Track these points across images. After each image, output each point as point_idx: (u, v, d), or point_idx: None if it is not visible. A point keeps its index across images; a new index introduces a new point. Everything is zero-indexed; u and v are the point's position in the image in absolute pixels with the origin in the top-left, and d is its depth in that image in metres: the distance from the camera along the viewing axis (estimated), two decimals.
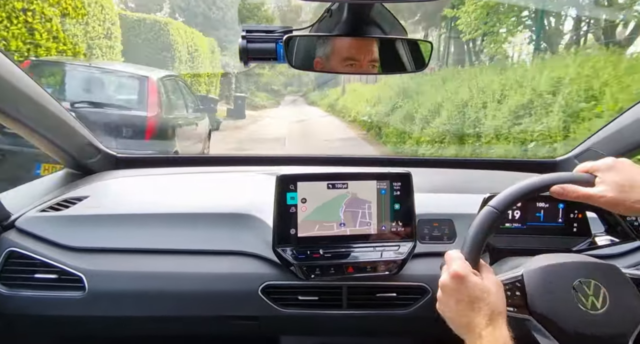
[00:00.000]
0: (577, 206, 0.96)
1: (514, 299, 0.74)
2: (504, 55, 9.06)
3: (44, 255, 0.97)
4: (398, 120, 7.82)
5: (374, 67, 0.83)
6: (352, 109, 11.84)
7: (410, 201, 0.98)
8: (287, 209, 0.94)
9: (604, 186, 0.69)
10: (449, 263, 0.70)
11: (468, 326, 0.65)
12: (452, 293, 0.67)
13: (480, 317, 0.64)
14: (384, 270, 0.96)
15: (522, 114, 4.72)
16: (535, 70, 5.31)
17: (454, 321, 0.68)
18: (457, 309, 0.67)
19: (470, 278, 0.66)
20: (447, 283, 0.68)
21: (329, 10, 0.74)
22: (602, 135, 1.25)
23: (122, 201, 1.15)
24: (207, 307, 1.00)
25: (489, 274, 0.69)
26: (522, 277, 0.76)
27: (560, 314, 0.71)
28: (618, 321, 0.71)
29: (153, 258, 1.01)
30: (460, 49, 11.78)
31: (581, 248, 0.92)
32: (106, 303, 0.98)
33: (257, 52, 0.80)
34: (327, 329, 1.08)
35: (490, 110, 5.30)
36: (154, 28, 9.27)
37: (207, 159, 1.57)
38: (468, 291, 0.66)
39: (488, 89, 5.73)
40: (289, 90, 23.39)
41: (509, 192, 0.73)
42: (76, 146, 1.26)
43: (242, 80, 15.74)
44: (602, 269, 0.76)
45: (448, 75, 8.23)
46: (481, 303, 0.64)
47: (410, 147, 6.86)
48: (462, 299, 0.66)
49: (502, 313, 0.65)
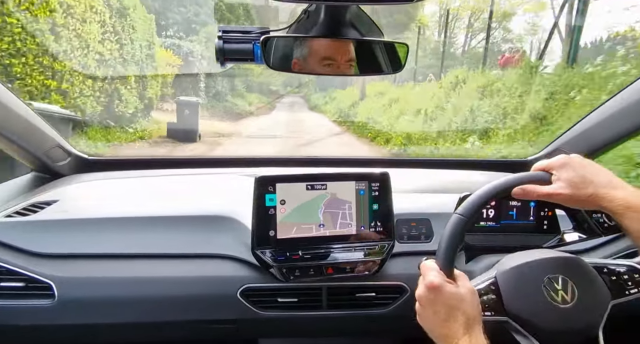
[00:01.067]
0: (547, 204, 1.00)
1: (490, 303, 0.76)
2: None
3: (9, 262, 0.92)
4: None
5: (352, 67, 0.84)
6: (388, 125, 7.69)
7: (389, 201, 0.99)
8: (266, 210, 0.93)
9: (560, 183, 0.71)
10: (424, 273, 0.71)
11: (446, 337, 0.67)
12: (429, 303, 0.69)
13: (457, 326, 0.66)
14: (364, 270, 0.96)
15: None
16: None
17: (433, 332, 0.70)
18: (434, 320, 0.69)
19: (445, 287, 0.68)
20: (423, 294, 0.70)
21: (306, 11, 0.74)
22: (570, 135, 1.31)
23: (93, 204, 1.12)
24: (184, 312, 0.98)
25: (464, 282, 0.71)
26: (495, 279, 0.78)
27: (535, 312, 0.74)
28: (587, 312, 0.74)
29: (126, 262, 0.98)
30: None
31: (551, 245, 0.95)
32: (77, 311, 0.94)
33: (234, 53, 0.79)
34: (306, 330, 1.07)
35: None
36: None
37: (182, 161, 1.54)
38: (444, 300, 0.67)
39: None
40: (289, 90, 18.46)
41: (472, 199, 0.75)
42: (44, 149, 1.21)
43: (217, 79, 11.26)
44: (568, 263, 0.79)
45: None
46: (457, 311, 0.66)
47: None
48: (438, 310, 0.68)
49: (477, 319, 0.67)
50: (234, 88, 12.99)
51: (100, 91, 5.91)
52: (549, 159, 0.75)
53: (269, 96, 15.76)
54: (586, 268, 0.79)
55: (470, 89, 6.69)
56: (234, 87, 12.95)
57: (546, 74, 5.63)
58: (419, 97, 8.26)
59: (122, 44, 6.44)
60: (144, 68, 7.19)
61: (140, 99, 6.99)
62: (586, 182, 0.69)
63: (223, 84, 11.83)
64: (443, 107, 7.00)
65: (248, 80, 14.35)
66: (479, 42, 14.32)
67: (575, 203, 0.72)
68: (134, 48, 6.84)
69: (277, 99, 16.20)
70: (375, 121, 8.48)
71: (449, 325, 0.66)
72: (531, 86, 5.45)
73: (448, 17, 13.21)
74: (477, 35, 15.39)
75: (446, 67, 9.83)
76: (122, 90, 6.39)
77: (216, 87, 11.38)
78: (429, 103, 7.46)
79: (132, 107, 6.69)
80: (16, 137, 1.09)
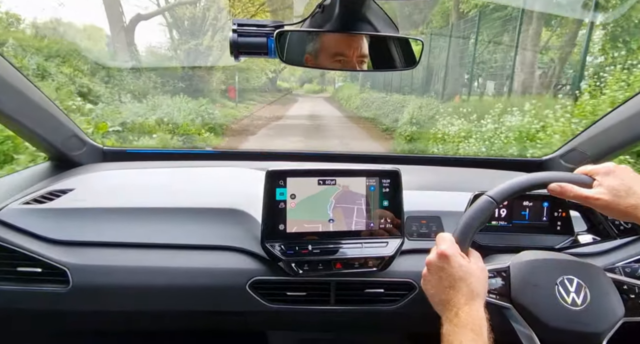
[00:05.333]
0: (561, 205, 0.99)
1: (497, 286, 0.77)
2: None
3: (27, 248, 0.95)
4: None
5: (363, 63, 0.84)
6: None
7: (399, 197, 0.98)
8: (276, 204, 0.94)
9: (601, 189, 0.71)
10: (438, 242, 0.74)
11: (447, 304, 0.68)
12: (437, 270, 0.71)
13: (459, 296, 0.67)
14: (372, 266, 0.96)
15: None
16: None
17: (434, 297, 0.71)
18: (438, 286, 0.70)
19: (455, 258, 0.69)
20: (433, 261, 0.72)
21: (321, 5, 0.74)
22: (587, 135, 1.28)
23: (108, 194, 1.14)
24: (194, 302, 1.00)
25: (476, 260, 0.72)
26: (508, 268, 0.78)
27: (541, 306, 0.74)
28: (595, 320, 0.73)
29: (139, 252, 1.00)
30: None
31: (564, 246, 0.94)
32: (90, 297, 0.97)
33: (248, 47, 0.79)
34: (314, 324, 1.08)
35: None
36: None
37: (195, 154, 1.55)
38: (452, 270, 0.69)
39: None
40: (306, 88, 17.37)
41: (508, 185, 0.75)
42: (61, 138, 1.24)
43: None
44: (587, 268, 0.78)
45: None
46: (462, 283, 0.68)
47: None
48: (444, 278, 0.69)
49: (481, 295, 0.69)
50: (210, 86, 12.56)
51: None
52: (595, 165, 0.75)
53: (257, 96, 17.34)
54: (605, 279, 0.78)
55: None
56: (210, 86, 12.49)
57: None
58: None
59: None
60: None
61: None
62: (630, 192, 0.69)
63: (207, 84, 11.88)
64: None
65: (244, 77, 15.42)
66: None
67: (612, 211, 0.71)
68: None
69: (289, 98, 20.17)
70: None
71: (452, 293, 0.68)
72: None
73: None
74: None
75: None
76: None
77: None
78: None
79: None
80: (35, 126, 1.11)
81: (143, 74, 9.08)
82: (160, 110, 7.06)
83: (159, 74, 9.61)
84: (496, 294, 0.76)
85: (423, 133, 6.91)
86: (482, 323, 0.65)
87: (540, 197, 1.00)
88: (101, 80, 7.55)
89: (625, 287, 0.79)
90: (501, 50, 7.99)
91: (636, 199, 0.68)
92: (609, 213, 0.72)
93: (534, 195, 0.99)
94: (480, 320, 0.65)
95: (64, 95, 5.56)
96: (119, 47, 10.35)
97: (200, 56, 11.99)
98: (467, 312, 0.65)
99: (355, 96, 14.98)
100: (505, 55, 7.75)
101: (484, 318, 0.66)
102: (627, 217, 0.70)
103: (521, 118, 4.84)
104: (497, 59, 8.31)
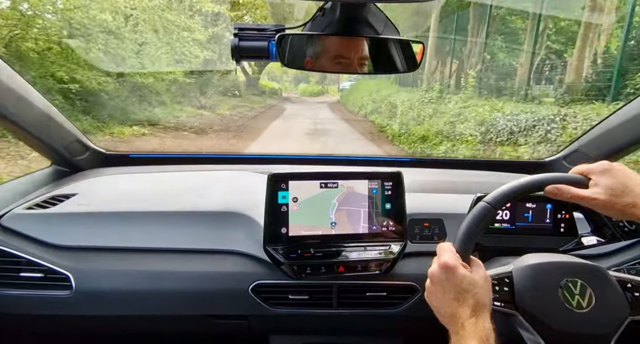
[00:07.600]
0: (564, 206, 0.98)
1: (501, 294, 0.75)
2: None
3: (29, 253, 0.95)
4: None
5: (364, 66, 0.83)
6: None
7: (402, 200, 0.98)
8: (279, 208, 0.93)
9: (597, 188, 0.70)
10: (439, 253, 0.72)
11: (452, 316, 0.66)
12: (440, 282, 0.69)
13: (464, 308, 0.65)
14: (375, 269, 0.96)
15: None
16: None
17: (439, 310, 0.70)
18: (443, 299, 0.69)
19: (458, 269, 0.68)
20: (435, 273, 0.70)
21: (322, 9, 0.74)
22: (590, 136, 1.27)
23: (111, 199, 1.14)
24: (197, 306, 0.99)
25: (478, 269, 0.71)
26: (511, 273, 0.77)
27: (546, 311, 0.73)
28: (602, 322, 0.72)
29: (142, 256, 1.00)
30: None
31: (568, 248, 0.93)
32: (93, 302, 0.97)
33: (249, 50, 0.79)
34: (316, 328, 1.08)
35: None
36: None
37: (197, 158, 1.55)
38: (455, 281, 0.67)
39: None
40: (301, 89, 14.35)
41: (503, 190, 0.74)
42: (64, 143, 1.24)
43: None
44: (590, 270, 0.78)
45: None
46: (467, 294, 0.66)
47: None
48: (448, 290, 0.68)
49: (487, 306, 0.67)
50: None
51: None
52: (590, 164, 0.74)
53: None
54: (608, 279, 0.77)
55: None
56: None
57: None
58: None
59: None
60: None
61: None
62: (626, 191, 0.68)
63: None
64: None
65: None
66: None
67: (610, 210, 0.70)
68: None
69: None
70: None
71: (457, 305, 0.66)
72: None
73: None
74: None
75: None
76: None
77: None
78: None
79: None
80: (37, 131, 1.12)
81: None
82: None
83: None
84: (501, 302, 0.75)
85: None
86: (489, 334, 0.64)
87: (543, 199, 0.99)
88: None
89: (629, 285, 0.78)
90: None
91: (633, 197, 0.67)
92: (607, 212, 0.71)
93: (537, 197, 0.98)
94: (487, 331, 0.64)
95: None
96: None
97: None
98: (474, 324, 0.64)
99: (384, 100, 9.17)
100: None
101: (491, 329, 0.65)
102: (625, 215, 0.69)
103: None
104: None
